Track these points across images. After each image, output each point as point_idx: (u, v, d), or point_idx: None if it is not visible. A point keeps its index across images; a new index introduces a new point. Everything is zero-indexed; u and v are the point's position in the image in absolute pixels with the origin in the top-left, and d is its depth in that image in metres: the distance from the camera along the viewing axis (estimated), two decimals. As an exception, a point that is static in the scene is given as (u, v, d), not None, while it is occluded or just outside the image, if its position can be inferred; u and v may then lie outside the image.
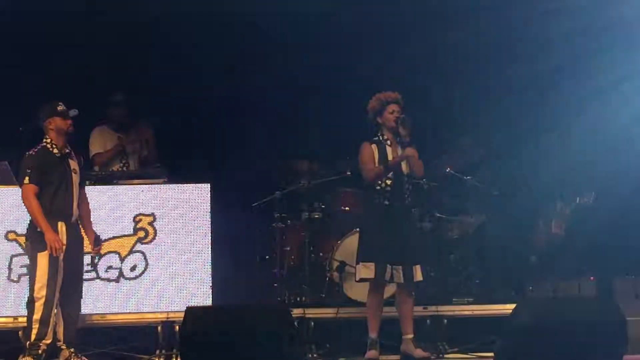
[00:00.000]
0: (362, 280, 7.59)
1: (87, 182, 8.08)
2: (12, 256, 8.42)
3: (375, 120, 7.68)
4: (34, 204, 7.31)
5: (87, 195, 7.76)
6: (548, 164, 9.76)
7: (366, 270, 7.35)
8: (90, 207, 7.78)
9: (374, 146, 7.59)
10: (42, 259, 7.29)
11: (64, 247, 7.33)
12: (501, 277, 9.34)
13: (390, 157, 7.51)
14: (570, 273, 9.53)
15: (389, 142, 7.66)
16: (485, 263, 9.37)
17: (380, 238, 7.33)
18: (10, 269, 8.40)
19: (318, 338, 8.34)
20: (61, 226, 7.39)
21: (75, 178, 7.53)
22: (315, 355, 8.15)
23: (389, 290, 7.97)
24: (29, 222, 7.49)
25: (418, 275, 7.34)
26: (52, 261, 7.27)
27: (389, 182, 7.43)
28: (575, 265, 9.59)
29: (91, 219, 7.73)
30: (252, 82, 9.99)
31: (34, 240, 7.37)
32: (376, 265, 7.28)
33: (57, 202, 7.39)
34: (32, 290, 7.33)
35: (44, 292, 7.25)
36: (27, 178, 7.36)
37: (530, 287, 9.55)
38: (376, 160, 7.58)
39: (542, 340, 6.43)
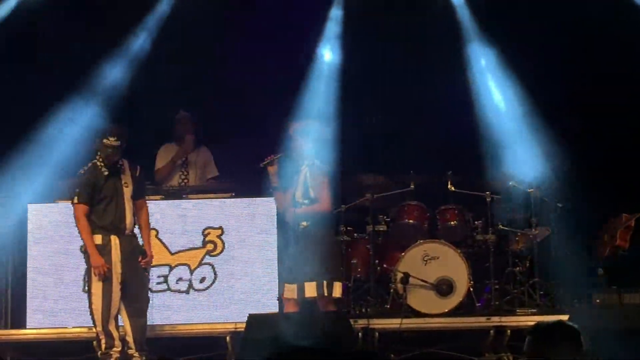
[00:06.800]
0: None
1: (160, 197, 8.32)
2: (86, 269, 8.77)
3: None
4: (81, 225, 7.56)
5: (146, 207, 7.93)
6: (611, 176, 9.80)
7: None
8: (148, 218, 7.95)
9: None
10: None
11: (120, 258, 7.54)
12: (565, 289, 9.33)
13: None
14: (635, 284, 9.57)
15: None
16: (549, 275, 9.37)
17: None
18: (85, 280, 8.74)
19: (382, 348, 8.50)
20: (114, 239, 7.62)
21: (127, 191, 7.74)
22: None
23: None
24: None
25: (337, 292, 7.53)
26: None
27: None
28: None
29: (149, 230, 7.93)
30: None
31: (87, 256, 7.64)
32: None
33: (107, 217, 7.62)
34: (90, 302, 7.60)
35: (99, 305, 7.49)
36: (75, 198, 7.62)
37: (598, 299, 9.57)
38: None
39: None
